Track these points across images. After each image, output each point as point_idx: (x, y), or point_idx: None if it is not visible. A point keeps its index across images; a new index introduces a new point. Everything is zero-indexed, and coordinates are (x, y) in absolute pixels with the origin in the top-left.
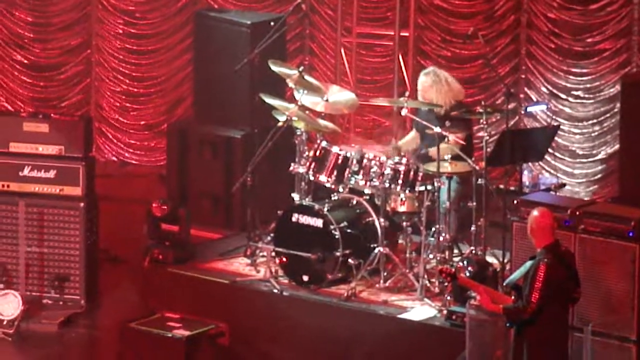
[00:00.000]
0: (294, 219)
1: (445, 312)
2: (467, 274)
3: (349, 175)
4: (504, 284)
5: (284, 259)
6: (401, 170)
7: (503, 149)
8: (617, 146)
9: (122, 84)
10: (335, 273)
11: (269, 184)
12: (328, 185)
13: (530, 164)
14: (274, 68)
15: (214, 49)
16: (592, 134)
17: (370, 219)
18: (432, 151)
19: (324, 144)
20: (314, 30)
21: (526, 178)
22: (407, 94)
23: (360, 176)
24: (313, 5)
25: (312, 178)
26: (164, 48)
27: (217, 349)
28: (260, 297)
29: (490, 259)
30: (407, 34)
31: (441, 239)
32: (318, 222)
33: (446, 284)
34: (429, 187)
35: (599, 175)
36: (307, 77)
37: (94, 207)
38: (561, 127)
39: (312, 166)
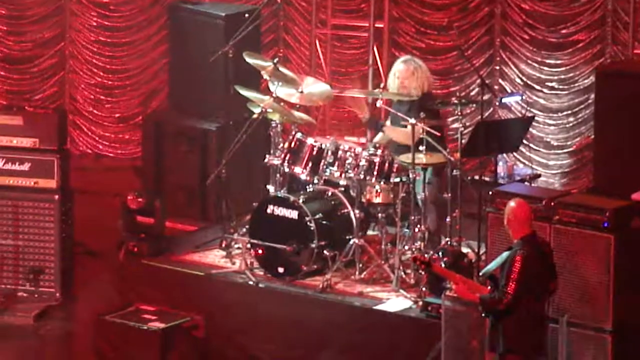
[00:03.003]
0: (269, 211)
1: (420, 303)
2: (443, 265)
3: (324, 166)
4: (480, 274)
5: (260, 251)
6: (376, 162)
7: (478, 140)
8: (591, 137)
9: (96, 76)
10: (310, 265)
11: (244, 176)
12: (303, 177)
13: (505, 155)
14: (249, 60)
15: (188, 41)
16: (567, 125)
17: (346, 210)
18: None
19: (298, 135)
20: (288, 22)
21: (501, 169)
22: (382, 85)
23: (335, 168)
24: None
25: (287, 170)
26: (138, 40)
27: (193, 341)
28: (235, 289)
29: (465, 250)
30: (381, 26)
31: (417, 230)
32: (293, 214)
33: (421, 272)
34: (404, 179)
35: (574, 167)
36: (281, 69)
37: (69, 200)
38: (536, 118)
39: (287, 158)
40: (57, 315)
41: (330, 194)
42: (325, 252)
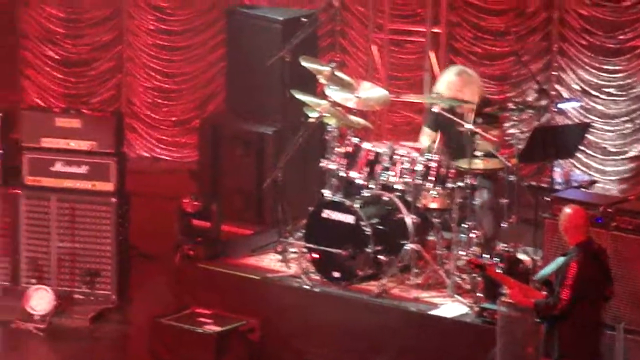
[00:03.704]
0: (325, 215)
1: (476, 308)
2: (498, 271)
3: (380, 171)
4: (535, 279)
5: (315, 255)
6: (433, 167)
7: (535, 146)
8: None
9: (153, 79)
10: (366, 269)
11: (300, 180)
12: (359, 181)
13: (561, 161)
14: (306, 64)
15: (245, 45)
16: (624, 132)
17: (401, 215)
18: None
19: (355, 140)
20: (345, 26)
21: (558, 175)
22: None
23: (391, 172)
24: (344, 1)
25: (343, 174)
26: (196, 44)
27: (248, 344)
28: (291, 293)
29: (521, 256)
30: (438, 31)
31: (472, 235)
32: (349, 219)
33: (476, 276)
34: (461, 184)
35: (631, 173)
36: (338, 74)
37: (126, 203)
38: (593, 124)
39: (344, 162)
40: (113, 317)
41: (386, 198)
42: (380, 256)
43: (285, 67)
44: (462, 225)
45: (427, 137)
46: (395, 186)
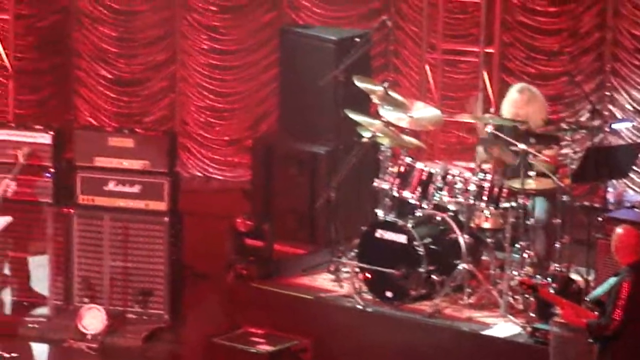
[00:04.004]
0: (377, 235)
1: (529, 328)
2: (551, 291)
3: (433, 191)
4: (587, 299)
5: (368, 275)
6: (485, 187)
7: (588, 166)
8: None
9: (206, 99)
10: (418, 289)
11: (352, 199)
12: (412, 201)
13: (614, 181)
14: (359, 84)
15: (298, 64)
16: None
17: (454, 235)
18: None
19: (408, 159)
20: (398, 46)
21: (611, 195)
22: (492, 110)
23: (444, 192)
24: (398, 21)
25: (396, 194)
26: (249, 63)
27: None
28: (343, 313)
29: (574, 276)
30: (492, 51)
31: (525, 255)
32: (402, 238)
33: (528, 297)
34: (514, 204)
35: None
36: (391, 93)
37: (178, 222)
38: None
39: (397, 182)
40: (165, 337)
41: (439, 218)
42: (433, 276)
43: (338, 86)
44: (515, 245)
45: (482, 154)
46: (448, 206)
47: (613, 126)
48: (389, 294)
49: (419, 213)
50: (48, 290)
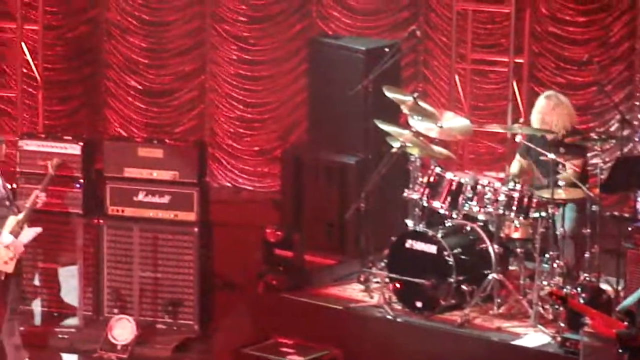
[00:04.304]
0: (407, 245)
1: (559, 338)
2: (581, 301)
3: (463, 201)
4: (617, 309)
5: (398, 285)
6: (515, 197)
7: (617, 176)
8: None
9: (235, 109)
10: (448, 299)
11: (382, 209)
12: (442, 211)
13: None
14: (388, 94)
15: (328, 75)
16: None
17: (484, 245)
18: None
19: (437, 170)
20: (427, 56)
21: None
22: (521, 120)
23: (474, 202)
24: (427, 31)
25: (426, 204)
26: (278, 74)
27: None
28: (373, 323)
29: (604, 286)
30: (521, 61)
31: (555, 265)
32: (432, 249)
33: (557, 307)
34: (543, 214)
35: None
36: (421, 103)
37: (208, 233)
38: None
39: (426, 192)
40: (195, 347)
41: (469, 228)
42: (463, 286)
43: (367, 96)
44: (545, 255)
45: (517, 164)
46: (478, 216)
47: None
48: (418, 304)
49: (448, 223)
50: (78, 301)
